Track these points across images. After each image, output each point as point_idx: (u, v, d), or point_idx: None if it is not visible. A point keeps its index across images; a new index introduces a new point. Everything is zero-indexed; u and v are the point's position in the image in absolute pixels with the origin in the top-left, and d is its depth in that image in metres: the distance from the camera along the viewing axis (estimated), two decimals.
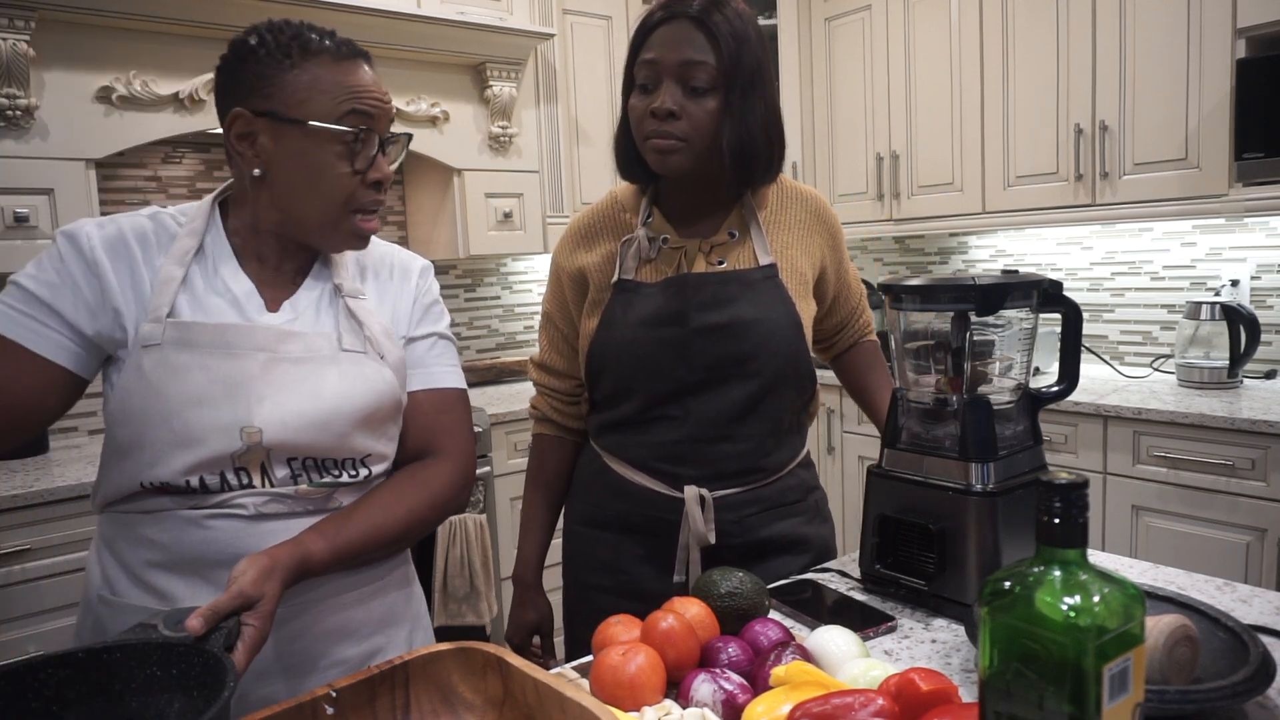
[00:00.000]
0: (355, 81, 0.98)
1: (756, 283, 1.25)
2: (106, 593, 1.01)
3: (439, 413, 1.12)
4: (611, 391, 1.30)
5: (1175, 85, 2.47)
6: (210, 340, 0.97)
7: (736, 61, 1.17)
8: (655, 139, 1.19)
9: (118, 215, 1.02)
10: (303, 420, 0.98)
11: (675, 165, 1.20)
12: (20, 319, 0.95)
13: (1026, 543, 1.07)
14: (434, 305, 1.16)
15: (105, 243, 0.98)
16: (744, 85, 1.18)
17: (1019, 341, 1.15)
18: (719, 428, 1.25)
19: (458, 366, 1.17)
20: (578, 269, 1.33)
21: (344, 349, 1.03)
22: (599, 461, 1.35)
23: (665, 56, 1.17)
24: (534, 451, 1.45)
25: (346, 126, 0.97)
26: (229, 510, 0.97)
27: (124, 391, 0.96)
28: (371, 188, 1.02)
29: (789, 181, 1.35)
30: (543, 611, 1.43)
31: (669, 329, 1.24)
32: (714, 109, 1.18)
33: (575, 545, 1.39)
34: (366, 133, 0.99)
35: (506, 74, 2.89)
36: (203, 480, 0.96)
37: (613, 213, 1.35)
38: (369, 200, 1.02)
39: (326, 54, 0.98)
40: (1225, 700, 0.76)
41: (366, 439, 1.04)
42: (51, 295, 0.95)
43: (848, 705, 0.73)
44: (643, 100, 1.20)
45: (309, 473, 1.01)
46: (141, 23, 2.23)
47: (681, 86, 1.17)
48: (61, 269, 0.97)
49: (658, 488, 1.28)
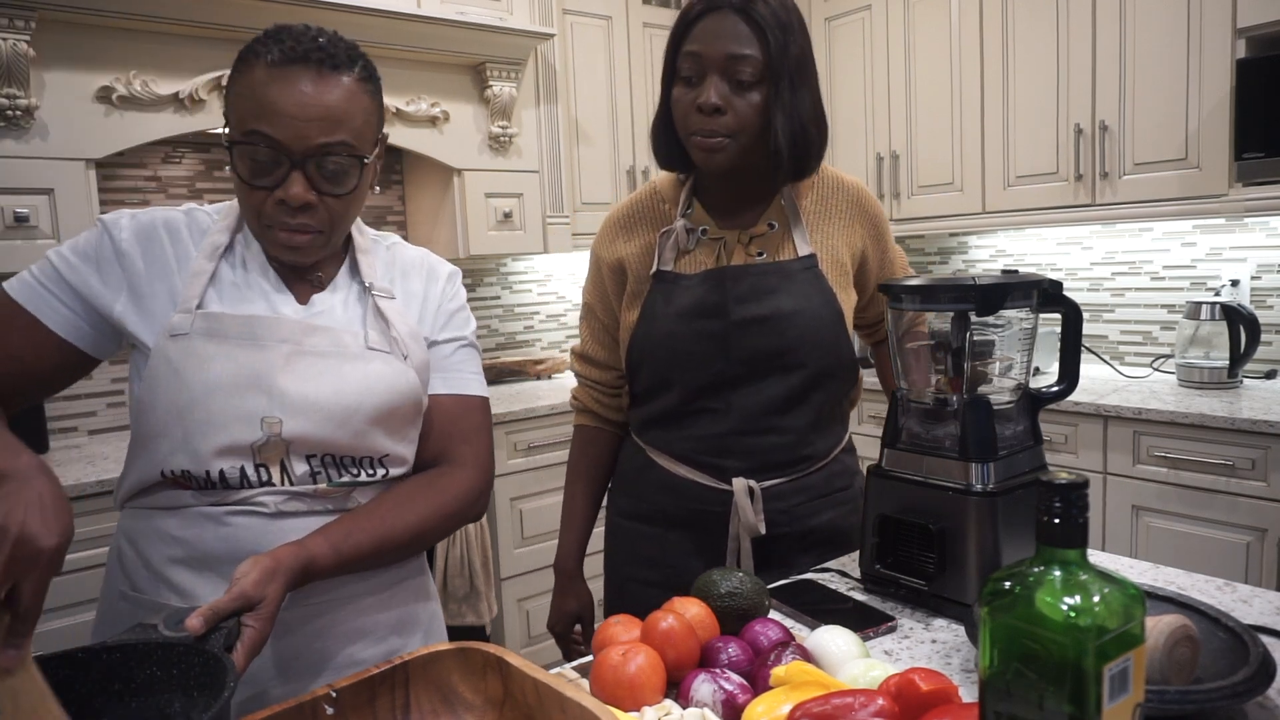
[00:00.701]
0: (268, 95, 0.93)
1: (796, 274, 1.25)
2: (127, 589, 1.02)
3: (458, 418, 1.12)
4: (651, 384, 1.30)
5: (1175, 85, 2.47)
6: (237, 331, 0.98)
7: (783, 52, 1.16)
8: (701, 135, 1.18)
9: (154, 208, 1.05)
10: (322, 414, 0.99)
11: (721, 161, 1.19)
12: (42, 292, 0.99)
13: (1026, 543, 1.07)
14: (459, 311, 1.16)
15: (137, 231, 1.01)
16: (791, 76, 1.17)
17: (1019, 341, 1.15)
18: (762, 420, 1.25)
19: (480, 374, 1.17)
20: (617, 260, 1.33)
21: (370, 347, 1.04)
22: (643, 456, 1.35)
23: (709, 50, 1.15)
24: (575, 443, 1.46)
25: (249, 141, 0.93)
26: (250, 507, 0.98)
27: (150, 380, 0.98)
28: (279, 206, 0.96)
29: (829, 170, 1.35)
30: (584, 600, 1.43)
31: (708, 321, 1.24)
32: (760, 102, 1.17)
33: (619, 539, 1.39)
34: (263, 149, 0.93)
35: (506, 74, 2.89)
36: (223, 474, 0.97)
37: (652, 203, 1.34)
38: (279, 220, 0.97)
39: (262, 63, 0.94)
40: (1225, 700, 0.76)
41: (385, 439, 1.04)
42: (74, 275, 0.99)
43: (848, 705, 0.73)
44: (687, 93, 1.19)
45: (327, 470, 1.01)
46: (141, 23, 2.23)
47: (727, 80, 1.16)
48: (90, 251, 1.00)
49: (705, 481, 1.28)
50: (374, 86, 1.01)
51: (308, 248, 1.00)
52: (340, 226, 1.02)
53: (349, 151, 0.97)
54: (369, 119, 0.99)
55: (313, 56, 0.94)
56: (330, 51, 0.95)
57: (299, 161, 0.94)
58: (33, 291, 0.98)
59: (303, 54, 0.94)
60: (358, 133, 0.97)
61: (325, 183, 0.97)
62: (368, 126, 0.99)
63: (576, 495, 1.44)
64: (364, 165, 0.99)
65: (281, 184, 0.95)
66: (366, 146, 0.99)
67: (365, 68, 1.00)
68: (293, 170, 0.94)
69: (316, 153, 0.95)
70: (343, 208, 1.00)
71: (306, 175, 0.95)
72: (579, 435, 1.45)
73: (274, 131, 0.93)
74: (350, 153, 0.97)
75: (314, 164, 0.95)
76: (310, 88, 0.93)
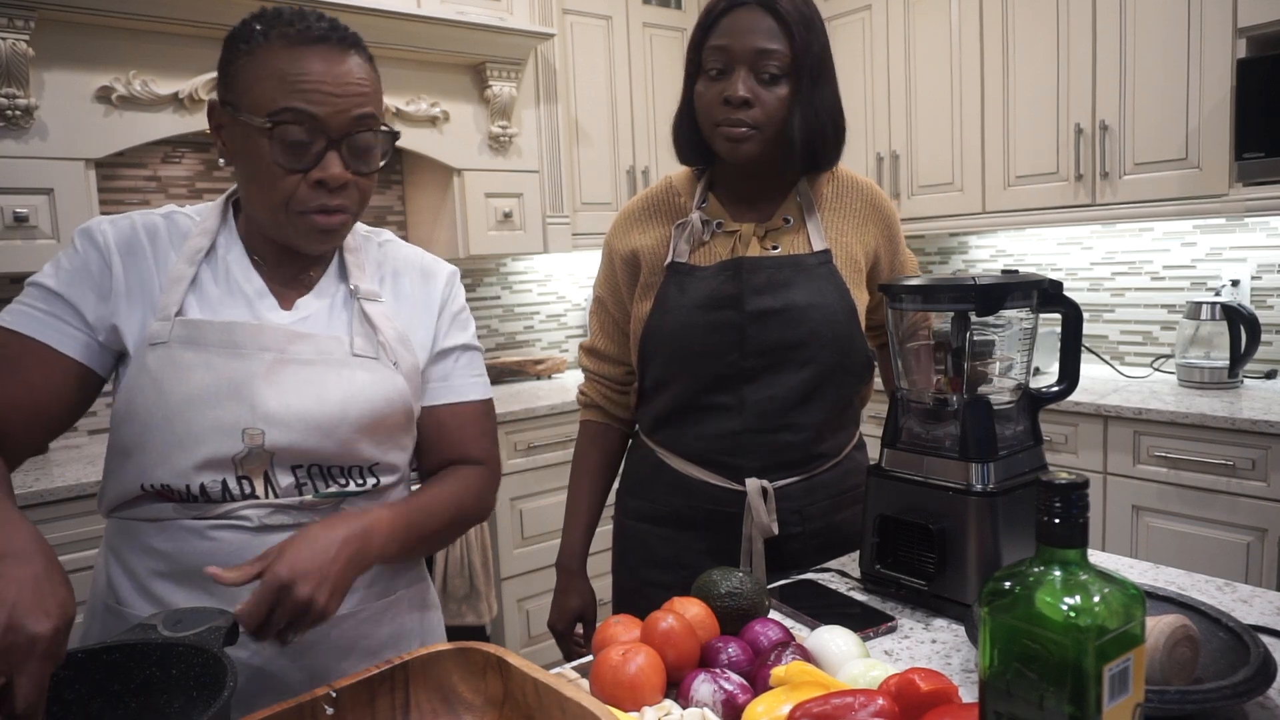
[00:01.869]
0: (299, 70, 0.90)
1: (811, 268, 1.26)
2: (113, 602, 1.00)
3: (467, 424, 1.12)
4: (663, 377, 1.30)
5: (1175, 85, 2.47)
6: (217, 339, 0.96)
7: (807, 48, 1.18)
8: (728, 126, 1.19)
9: (132, 213, 1.02)
10: (306, 424, 0.96)
11: (747, 153, 1.21)
12: (43, 317, 0.94)
13: (1026, 543, 1.07)
14: (461, 313, 1.15)
15: (119, 238, 0.98)
16: (813, 71, 1.20)
17: (1019, 341, 1.15)
18: (776, 417, 1.25)
19: (484, 375, 1.17)
20: (631, 250, 1.33)
21: (355, 353, 1.01)
22: (654, 457, 1.34)
23: (737, 44, 1.18)
24: (581, 439, 1.45)
25: (285, 120, 0.90)
26: (233, 521, 0.96)
27: (128, 390, 0.95)
28: (316, 188, 0.94)
29: (845, 170, 1.36)
30: (587, 599, 1.42)
31: (724, 312, 1.24)
32: (785, 96, 1.19)
33: (631, 541, 1.38)
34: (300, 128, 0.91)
35: (506, 74, 2.89)
36: (204, 487, 0.95)
37: (667, 196, 1.35)
38: (313, 203, 0.94)
39: (281, 40, 0.91)
40: (1225, 700, 0.76)
41: (373, 447, 1.02)
42: (71, 292, 0.95)
43: (848, 705, 0.73)
44: (713, 87, 1.20)
45: (314, 481, 0.99)
46: (141, 23, 2.23)
47: (754, 74, 1.18)
48: (80, 266, 0.96)
49: (718, 481, 1.28)
50: (374, 67, 1.01)
51: (339, 231, 0.99)
52: (364, 208, 1.01)
53: (378, 126, 0.96)
54: (380, 97, 1.00)
55: (331, 35, 0.93)
56: (341, 30, 0.95)
57: (336, 140, 0.93)
58: (35, 320, 0.94)
59: (321, 34, 0.93)
60: (380, 108, 0.98)
61: (356, 161, 0.95)
62: (380, 104, 1.00)
63: (582, 492, 1.43)
64: (389, 140, 0.99)
65: (318, 164, 0.93)
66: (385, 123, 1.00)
67: (366, 49, 1.00)
68: (329, 149, 0.93)
69: (352, 128, 0.93)
70: (369, 186, 0.99)
71: (340, 155, 0.94)
72: (585, 431, 1.44)
73: (311, 107, 0.91)
74: (378, 127, 0.97)
75: (345, 142, 0.94)
76: (339, 64, 0.93)
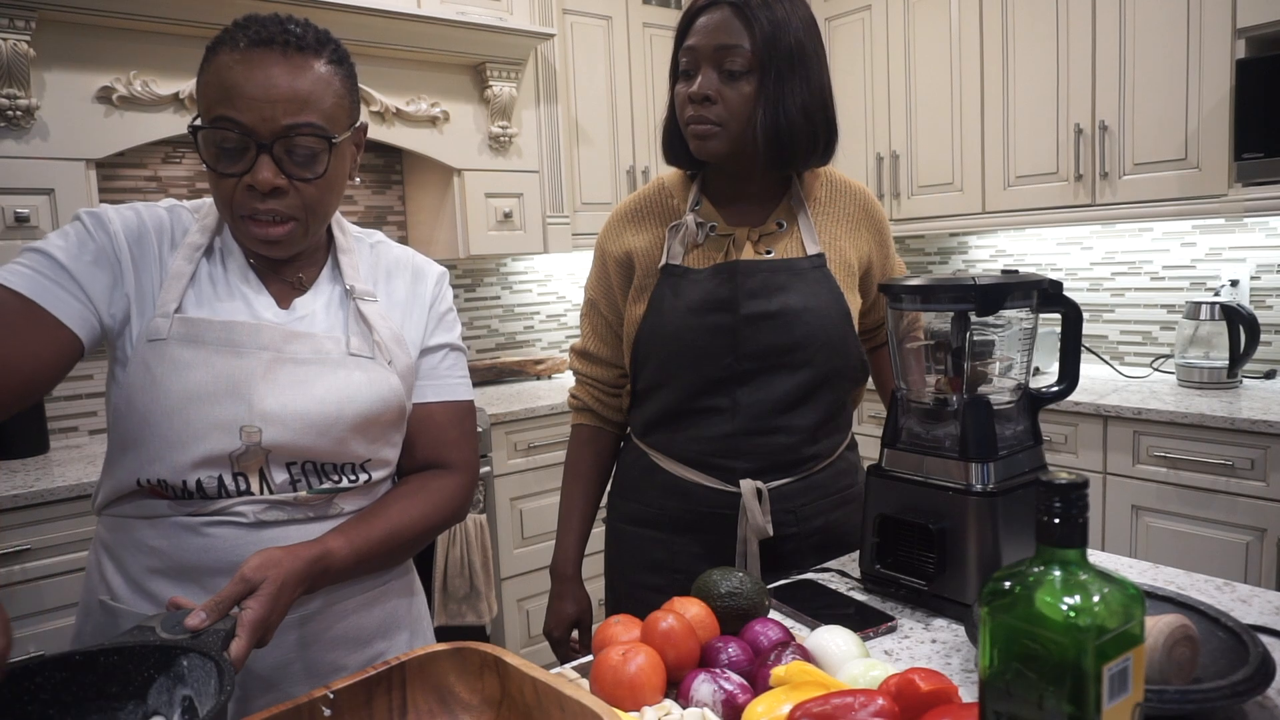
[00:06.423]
0: (233, 79, 0.91)
1: (805, 272, 1.26)
2: (108, 598, 1.00)
3: (448, 425, 1.12)
4: (657, 379, 1.30)
5: (1175, 85, 2.47)
6: (216, 337, 0.96)
7: (772, 44, 1.18)
8: (693, 124, 1.21)
9: (136, 204, 1.01)
10: (302, 422, 0.97)
11: (713, 149, 1.22)
12: (47, 284, 0.92)
13: (1026, 543, 1.07)
14: (448, 314, 1.15)
15: (126, 228, 0.98)
16: (780, 68, 1.19)
17: (1019, 341, 1.15)
18: (769, 419, 1.25)
19: (467, 377, 1.17)
20: (624, 252, 1.33)
21: (351, 353, 1.02)
22: (646, 460, 1.34)
23: (702, 42, 1.20)
24: (573, 443, 1.44)
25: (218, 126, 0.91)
26: (228, 518, 0.96)
27: (128, 387, 0.95)
28: (250, 192, 0.93)
29: (838, 174, 1.37)
30: (582, 604, 1.41)
31: (718, 315, 1.24)
32: (750, 93, 1.20)
33: (624, 545, 1.38)
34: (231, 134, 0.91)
35: (506, 74, 2.89)
36: (200, 483, 0.95)
37: (660, 198, 1.35)
38: (248, 208, 0.94)
39: (227, 47, 0.92)
40: (1225, 700, 0.76)
41: (367, 445, 1.03)
42: (76, 266, 0.94)
43: (848, 705, 0.73)
44: (684, 86, 1.22)
45: (308, 477, 1.00)
46: (141, 23, 2.23)
47: (718, 71, 1.19)
48: (87, 243, 0.96)
49: (711, 484, 1.28)
50: (346, 70, 0.99)
51: (285, 240, 0.97)
52: (318, 215, 0.99)
53: (316, 133, 0.94)
54: (340, 102, 0.97)
55: (278, 39, 0.92)
56: (298, 35, 0.94)
57: (266, 145, 0.92)
58: (35, 283, 0.92)
59: (268, 38, 0.92)
60: (327, 115, 0.95)
61: (295, 167, 0.94)
62: (339, 109, 0.97)
63: (575, 496, 1.42)
64: (334, 147, 0.96)
65: (250, 169, 0.92)
66: (338, 129, 0.96)
67: (336, 51, 0.97)
68: (260, 154, 0.92)
69: (283, 134, 0.92)
70: (316, 193, 0.97)
71: (275, 159, 0.93)
72: (577, 435, 1.44)
73: (239, 115, 0.91)
74: (318, 134, 0.94)
75: (282, 147, 0.93)
76: (277, 70, 0.91)
